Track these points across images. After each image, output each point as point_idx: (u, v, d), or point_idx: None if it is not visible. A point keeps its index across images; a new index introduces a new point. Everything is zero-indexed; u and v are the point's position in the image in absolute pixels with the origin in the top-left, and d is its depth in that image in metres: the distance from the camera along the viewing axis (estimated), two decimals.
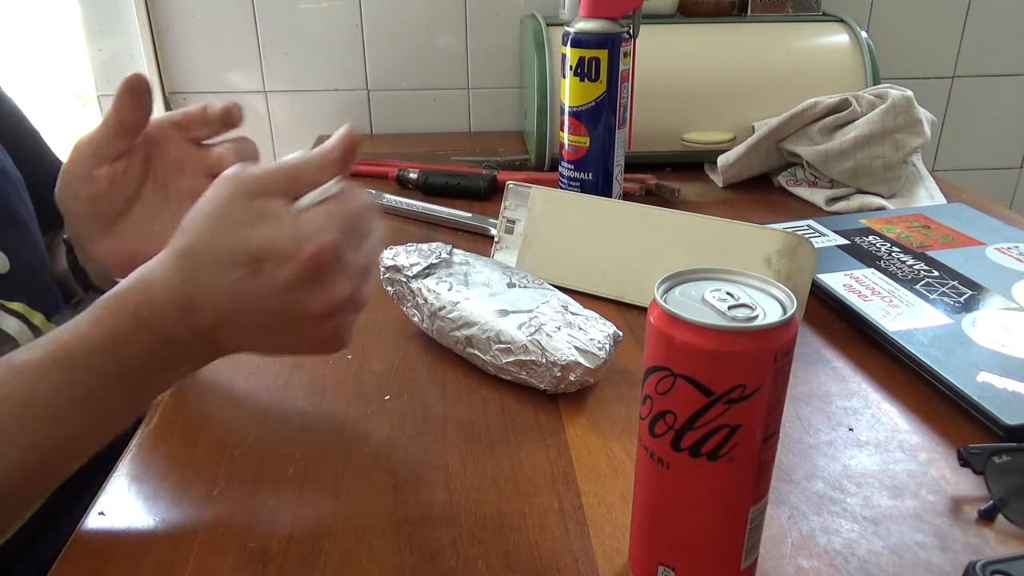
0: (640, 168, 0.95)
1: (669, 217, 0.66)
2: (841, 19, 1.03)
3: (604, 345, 0.53)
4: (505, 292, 0.57)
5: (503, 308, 0.55)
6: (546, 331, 0.52)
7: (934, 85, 1.28)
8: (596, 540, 0.41)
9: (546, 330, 0.52)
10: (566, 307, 0.56)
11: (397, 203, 0.87)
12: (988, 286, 0.63)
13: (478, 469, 0.46)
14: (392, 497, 0.44)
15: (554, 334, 0.52)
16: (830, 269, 0.67)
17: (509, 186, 0.73)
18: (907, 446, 0.48)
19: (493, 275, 0.59)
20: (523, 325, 0.53)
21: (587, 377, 0.51)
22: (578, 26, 0.77)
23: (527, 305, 0.55)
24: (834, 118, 0.90)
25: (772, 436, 0.33)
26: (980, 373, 0.52)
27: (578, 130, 0.79)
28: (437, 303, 0.57)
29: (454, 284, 0.58)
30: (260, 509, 0.43)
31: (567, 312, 0.55)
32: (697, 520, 0.35)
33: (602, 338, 0.53)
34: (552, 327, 0.53)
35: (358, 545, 0.41)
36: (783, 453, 0.47)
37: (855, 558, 0.40)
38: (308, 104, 1.24)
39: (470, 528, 0.42)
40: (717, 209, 0.88)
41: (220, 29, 1.19)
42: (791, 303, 0.32)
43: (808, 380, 0.55)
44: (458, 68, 1.23)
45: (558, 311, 0.55)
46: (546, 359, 0.51)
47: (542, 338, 0.52)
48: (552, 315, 0.54)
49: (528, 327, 0.53)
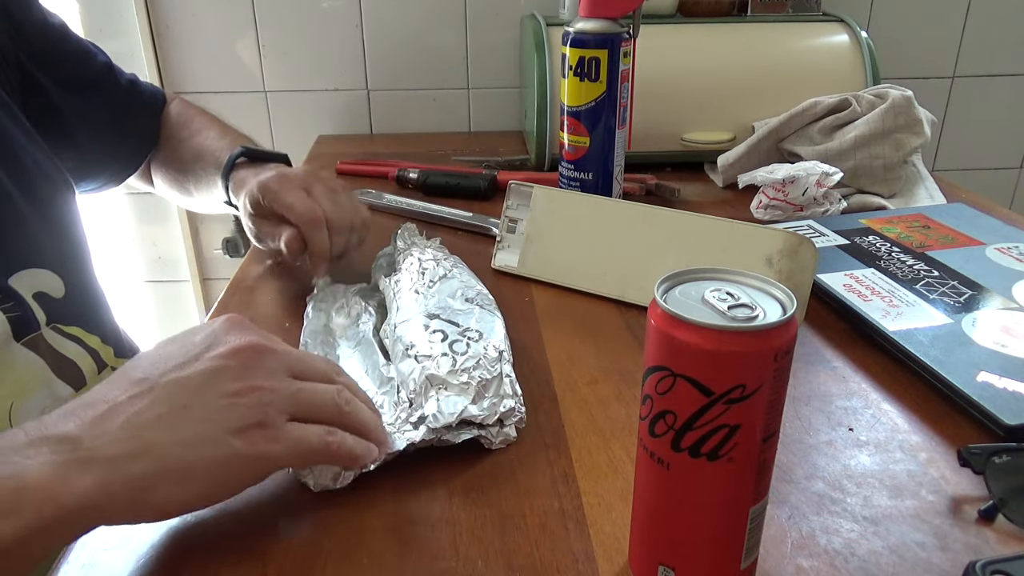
0: (640, 168, 0.95)
1: (670, 217, 0.66)
2: (841, 19, 1.03)
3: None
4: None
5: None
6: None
7: (934, 85, 1.28)
8: (596, 540, 0.41)
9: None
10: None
11: (397, 203, 0.87)
12: (988, 286, 0.63)
13: (478, 469, 0.46)
14: (392, 497, 0.44)
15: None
16: (830, 269, 0.67)
17: (511, 185, 0.73)
18: (907, 446, 0.48)
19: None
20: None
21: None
22: (578, 26, 0.77)
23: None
24: (834, 118, 0.90)
25: (772, 436, 0.33)
26: (980, 373, 0.52)
27: (578, 130, 0.79)
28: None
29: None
30: (260, 509, 0.43)
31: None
32: (697, 520, 0.35)
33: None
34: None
35: (358, 545, 0.41)
36: (783, 453, 0.47)
37: (855, 558, 0.40)
38: (308, 104, 1.24)
39: (470, 528, 0.42)
40: (717, 209, 0.88)
41: (220, 29, 1.19)
42: (791, 303, 0.32)
43: (808, 380, 0.55)
44: (458, 68, 1.23)
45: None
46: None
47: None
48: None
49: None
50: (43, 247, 0.56)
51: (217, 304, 0.67)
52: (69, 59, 0.69)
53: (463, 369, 0.48)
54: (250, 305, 0.66)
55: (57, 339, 0.54)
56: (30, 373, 0.51)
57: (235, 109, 1.23)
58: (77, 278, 0.58)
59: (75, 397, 0.53)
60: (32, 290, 0.53)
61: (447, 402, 0.46)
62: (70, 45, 0.70)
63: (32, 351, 0.52)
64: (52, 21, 0.69)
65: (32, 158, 0.58)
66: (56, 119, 0.66)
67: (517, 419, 0.49)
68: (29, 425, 0.36)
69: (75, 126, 0.69)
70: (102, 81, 0.73)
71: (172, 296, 1.37)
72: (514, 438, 0.48)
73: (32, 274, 0.54)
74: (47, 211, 0.57)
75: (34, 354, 0.52)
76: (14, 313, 0.51)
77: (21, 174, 0.56)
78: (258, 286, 0.70)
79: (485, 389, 0.48)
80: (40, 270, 0.55)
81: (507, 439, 0.48)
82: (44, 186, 0.58)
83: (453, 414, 0.46)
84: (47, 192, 0.58)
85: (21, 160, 0.56)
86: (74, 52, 0.71)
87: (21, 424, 0.36)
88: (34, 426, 0.36)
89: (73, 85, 0.69)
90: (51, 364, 0.53)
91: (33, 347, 0.52)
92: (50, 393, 0.52)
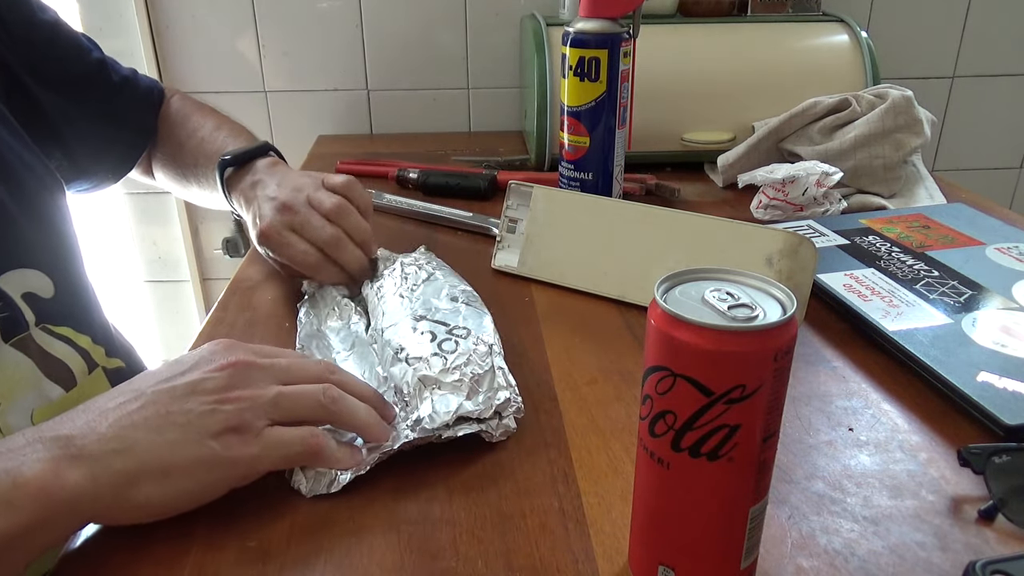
0: (640, 168, 0.95)
1: (670, 217, 0.66)
2: (841, 19, 1.03)
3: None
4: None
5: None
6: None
7: (934, 85, 1.28)
8: (596, 540, 0.41)
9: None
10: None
11: (397, 203, 0.87)
12: (988, 286, 0.63)
13: (478, 469, 0.46)
14: (392, 497, 0.44)
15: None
16: (830, 269, 0.67)
17: (511, 185, 0.73)
18: (907, 446, 0.48)
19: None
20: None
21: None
22: (578, 26, 0.77)
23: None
24: (834, 118, 0.90)
25: (772, 436, 0.33)
26: (980, 373, 0.52)
27: (578, 130, 0.79)
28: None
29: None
30: (260, 508, 0.43)
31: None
32: (697, 520, 0.35)
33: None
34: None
35: (358, 544, 0.41)
36: (783, 453, 0.47)
37: (855, 558, 0.40)
38: (308, 104, 1.24)
39: (470, 528, 0.42)
40: (717, 209, 0.88)
41: (220, 29, 1.19)
42: (791, 303, 0.32)
43: (808, 380, 0.55)
44: (458, 68, 1.23)
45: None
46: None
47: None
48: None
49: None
50: (32, 247, 0.55)
51: (217, 304, 0.67)
52: (58, 57, 0.68)
53: (454, 367, 0.48)
54: (250, 305, 0.66)
55: (46, 339, 0.54)
56: (19, 374, 0.51)
57: (235, 109, 1.22)
58: (67, 278, 0.58)
59: (65, 398, 0.53)
60: (21, 290, 0.53)
61: (441, 401, 0.46)
62: (60, 41, 0.69)
63: (21, 352, 0.52)
64: (42, 17, 0.68)
65: (19, 157, 0.57)
66: (42, 118, 0.66)
67: (514, 409, 0.48)
68: (28, 430, 0.39)
69: (62, 125, 0.68)
70: (93, 79, 0.72)
71: (172, 296, 1.37)
72: (514, 429, 0.48)
73: (20, 274, 0.53)
74: (35, 210, 0.57)
75: (23, 355, 0.52)
76: (3, 314, 0.51)
77: (8, 174, 0.55)
78: (258, 286, 0.70)
79: (479, 384, 0.48)
80: (29, 270, 0.54)
81: (508, 431, 0.48)
82: (32, 185, 0.57)
83: (449, 412, 0.46)
84: (35, 191, 0.58)
85: (7, 159, 0.56)
86: (64, 49, 0.70)
87: (11, 426, 0.38)
88: (32, 430, 0.39)
89: (61, 84, 0.68)
90: (40, 365, 0.53)
91: (22, 348, 0.52)
92: (39, 394, 0.52)
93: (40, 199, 0.58)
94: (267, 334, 0.61)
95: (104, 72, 0.74)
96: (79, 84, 0.71)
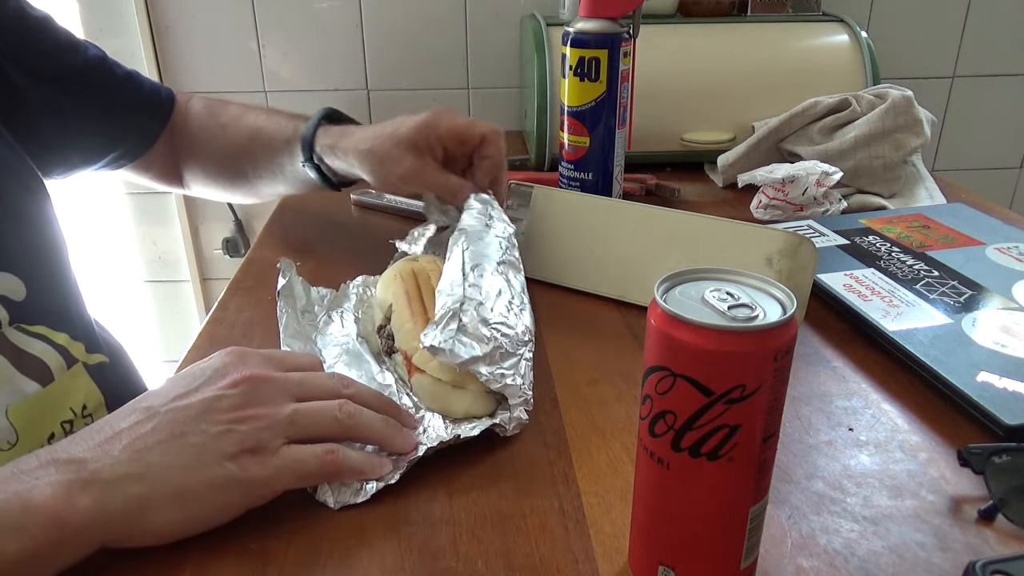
0: (640, 168, 0.95)
1: (670, 217, 0.66)
2: (841, 19, 1.03)
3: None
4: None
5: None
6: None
7: (934, 85, 1.28)
8: (596, 540, 0.41)
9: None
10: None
11: (397, 203, 0.87)
12: (988, 286, 0.63)
13: (478, 469, 0.46)
14: (392, 497, 0.44)
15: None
16: (830, 269, 0.67)
17: (511, 186, 0.73)
18: (907, 446, 0.48)
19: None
20: None
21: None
22: (578, 26, 0.77)
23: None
24: (834, 118, 0.90)
25: (772, 436, 0.33)
26: (980, 373, 0.52)
27: (578, 130, 0.79)
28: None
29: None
30: (260, 509, 0.43)
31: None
32: (697, 520, 0.35)
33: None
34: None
35: (358, 545, 0.41)
36: (783, 453, 0.47)
37: (855, 558, 0.40)
38: (308, 104, 1.23)
39: (470, 528, 0.42)
40: (717, 209, 0.88)
41: (220, 29, 1.19)
42: (791, 303, 0.32)
43: (808, 380, 0.55)
44: (458, 68, 1.23)
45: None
46: None
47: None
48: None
49: None
50: (4, 249, 0.55)
51: (217, 304, 0.67)
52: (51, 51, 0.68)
53: (496, 324, 0.49)
54: (250, 305, 0.66)
55: (21, 338, 0.53)
56: None
57: None
58: (43, 279, 0.57)
59: (42, 393, 0.53)
60: None
61: (461, 345, 0.47)
62: (52, 36, 0.69)
63: None
64: (32, 13, 0.67)
65: (0, 160, 0.57)
66: (27, 113, 0.65)
67: (523, 399, 0.48)
68: (42, 451, 0.39)
69: (51, 118, 0.67)
70: (91, 74, 0.72)
71: (172, 296, 1.37)
72: (527, 420, 0.48)
73: None
74: (12, 211, 0.56)
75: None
76: None
77: None
78: (258, 286, 0.70)
79: (502, 358, 0.48)
80: (1, 273, 0.54)
81: (520, 422, 0.48)
82: (12, 187, 0.57)
83: (461, 359, 0.46)
84: (16, 194, 0.57)
85: None
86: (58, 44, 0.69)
87: None
88: (46, 452, 0.39)
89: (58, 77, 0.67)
90: (13, 361, 0.52)
91: None
92: (14, 390, 0.52)
93: (20, 202, 0.57)
94: (267, 334, 0.61)
95: (106, 66, 0.74)
96: (79, 78, 0.70)
